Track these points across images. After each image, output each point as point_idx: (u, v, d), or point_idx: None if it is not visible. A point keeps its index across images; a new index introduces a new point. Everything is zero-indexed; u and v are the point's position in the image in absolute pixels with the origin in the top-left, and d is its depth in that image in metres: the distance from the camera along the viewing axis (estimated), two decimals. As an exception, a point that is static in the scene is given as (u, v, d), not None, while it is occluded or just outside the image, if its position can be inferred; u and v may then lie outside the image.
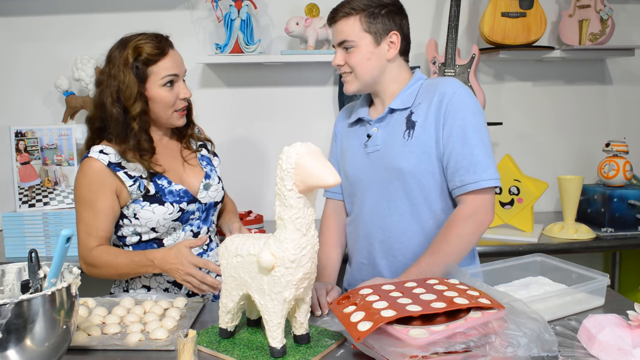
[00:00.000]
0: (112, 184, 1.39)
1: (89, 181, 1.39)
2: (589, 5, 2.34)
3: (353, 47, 1.39)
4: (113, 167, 1.39)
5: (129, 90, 1.37)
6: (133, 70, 1.38)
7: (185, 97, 1.44)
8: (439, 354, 0.90)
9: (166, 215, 1.42)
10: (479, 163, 1.33)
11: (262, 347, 1.09)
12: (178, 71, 1.43)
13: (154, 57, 1.39)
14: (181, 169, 1.52)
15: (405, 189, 1.40)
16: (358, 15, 1.38)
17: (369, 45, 1.39)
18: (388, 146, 1.42)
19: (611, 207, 2.19)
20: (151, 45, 1.39)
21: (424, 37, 2.45)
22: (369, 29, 1.38)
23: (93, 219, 1.39)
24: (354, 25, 1.38)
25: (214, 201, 1.54)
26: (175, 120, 1.46)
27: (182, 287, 1.50)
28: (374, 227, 1.46)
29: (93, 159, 1.39)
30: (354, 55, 1.40)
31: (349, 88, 1.45)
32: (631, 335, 0.99)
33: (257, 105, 2.51)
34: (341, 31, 1.40)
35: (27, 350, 0.86)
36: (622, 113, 2.62)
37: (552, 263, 1.36)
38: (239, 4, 2.26)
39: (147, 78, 1.39)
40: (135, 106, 1.38)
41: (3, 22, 2.40)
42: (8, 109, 2.44)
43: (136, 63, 1.38)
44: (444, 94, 1.37)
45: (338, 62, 1.42)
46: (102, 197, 1.39)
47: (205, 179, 1.53)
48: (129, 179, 1.40)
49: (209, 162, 1.60)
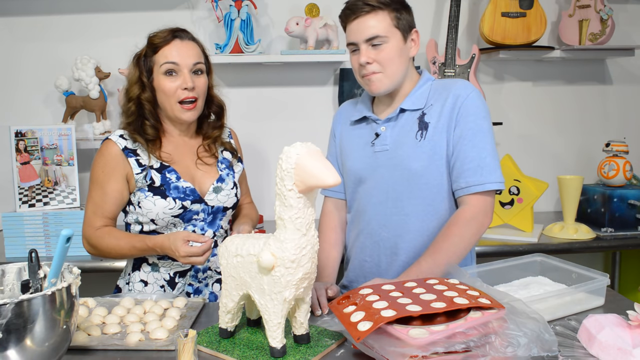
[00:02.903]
0: (124, 169, 1.43)
1: (103, 162, 1.44)
2: (589, 5, 2.34)
3: (384, 43, 1.34)
4: (127, 152, 1.44)
5: (130, 76, 1.47)
6: (142, 60, 1.45)
7: (186, 87, 1.43)
8: (439, 354, 0.90)
9: (166, 210, 1.43)
10: (487, 166, 1.34)
11: (262, 347, 1.09)
12: (179, 60, 1.42)
13: (157, 46, 1.44)
14: (194, 167, 1.52)
15: (412, 188, 1.40)
16: (386, 10, 1.34)
17: (399, 42, 1.36)
18: (398, 146, 1.42)
19: (611, 207, 2.19)
20: (158, 36, 1.44)
21: (424, 37, 2.44)
22: (398, 25, 1.36)
23: (102, 199, 1.43)
24: (384, 20, 1.34)
25: (222, 206, 1.52)
26: (179, 112, 1.45)
27: (174, 288, 1.50)
28: (378, 225, 1.46)
29: (111, 142, 1.45)
30: (385, 51, 1.35)
31: (379, 88, 1.39)
32: (631, 335, 0.99)
33: (257, 105, 2.51)
34: (370, 26, 1.34)
35: (27, 350, 0.86)
36: (622, 113, 2.62)
37: (552, 263, 1.36)
38: (239, 4, 2.26)
39: (152, 67, 1.45)
40: (133, 89, 1.45)
41: (4, 22, 2.40)
42: (8, 109, 2.43)
43: (146, 54, 1.45)
44: (457, 96, 1.37)
45: (367, 59, 1.35)
46: (113, 180, 1.43)
47: (217, 182, 1.51)
48: (138, 166, 1.43)
49: (229, 166, 1.58)
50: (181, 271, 1.50)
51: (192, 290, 1.52)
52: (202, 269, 1.52)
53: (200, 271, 1.52)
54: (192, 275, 1.51)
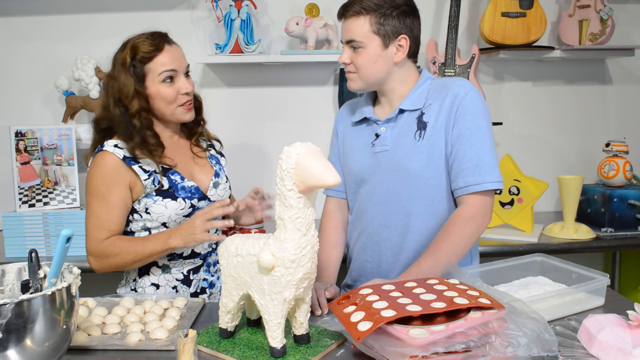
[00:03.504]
0: (127, 178, 1.41)
1: (103, 174, 1.40)
2: (589, 5, 2.34)
3: (360, 47, 1.38)
4: (128, 161, 1.41)
5: (126, 89, 1.40)
6: (131, 70, 1.40)
7: (186, 92, 1.44)
8: (439, 354, 0.90)
9: (178, 211, 1.44)
10: (485, 165, 1.34)
11: (262, 347, 1.09)
12: (176, 66, 1.43)
13: (150, 54, 1.41)
14: (192, 166, 1.53)
15: (412, 188, 1.41)
16: (368, 15, 1.36)
17: (376, 48, 1.38)
18: (398, 146, 1.43)
19: (611, 207, 2.18)
20: (146, 43, 1.41)
21: (424, 37, 2.42)
22: (378, 31, 1.37)
23: (105, 211, 1.40)
24: (363, 26, 1.37)
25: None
26: (181, 115, 1.46)
27: (190, 285, 1.51)
28: (379, 226, 1.47)
29: (108, 153, 1.41)
30: (361, 56, 1.39)
31: (353, 86, 1.45)
32: (631, 335, 0.99)
33: (257, 105, 2.51)
34: (350, 30, 1.39)
35: (27, 350, 0.86)
36: (622, 113, 2.62)
37: (552, 263, 1.36)
38: (239, 4, 2.26)
39: (145, 76, 1.42)
40: (133, 103, 1.40)
41: (3, 22, 2.40)
42: (8, 109, 2.44)
43: (134, 62, 1.41)
44: (456, 95, 1.37)
45: (344, 60, 1.41)
46: (116, 190, 1.40)
47: (215, 177, 1.55)
48: (144, 172, 1.42)
49: (218, 161, 1.62)
50: (194, 268, 1.51)
51: (207, 284, 1.53)
52: (212, 263, 1.55)
53: (212, 265, 1.55)
54: (205, 270, 1.54)
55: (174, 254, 1.49)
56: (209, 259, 1.55)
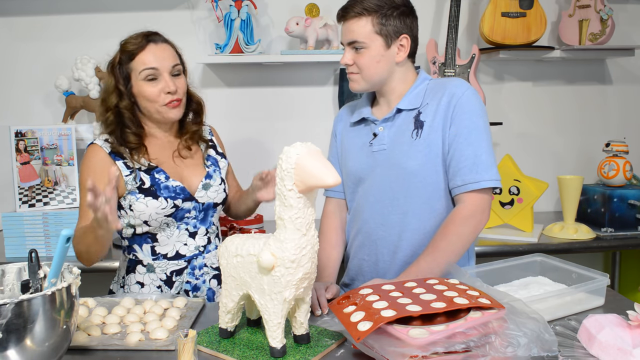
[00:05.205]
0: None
1: (89, 166, 1.44)
2: (589, 5, 2.34)
3: (363, 48, 1.39)
4: (114, 156, 1.44)
5: (106, 86, 1.46)
6: (116, 69, 1.44)
7: (169, 91, 1.42)
8: (439, 354, 0.90)
9: (159, 210, 1.43)
10: (482, 163, 1.34)
11: (262, 347, 1.09)
12: (158, 65, 1.42)
13: (132, 53, 1.42)
14: (182, 166, 1.52)
15: (409, 187, 1.41)
16: (370, 16, 1.37)
17: (379, 48, 1.39)
18: (395, 146, 1.43)
19: (611, 207, 2.18)
20: (130, 43, 1.43)
21: (424, 37, 2.44)
22: (380, 32, 1.38)
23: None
24: (366, 27, 1.37)
25: (213, 202, 1.53)
26: (166, 113, 1.45)
27: (172, 287, 1.50)
28: (376, 224, 1.47)
29: (97, 146, 1.45)
30: (364, 56, 1.39)
31: (355, 87, 1.45)
32: (631, 335, 0.99)
33: (257, 105, 2.51)
34: (352, 31, 1.39)
35: (27, 350, 0.86)
36: (622, 113, 2.62)
37: (552, 263, 1.37)
38: (239, 4, 2.26)
39: (130, 74, 1.44)
40: (110, 99, 1.44)
41: (3, 22, 2.40)
42: (8, 109, 2.44)
43: (121, 61, 1.44)
44: (452, 94, 1.38)
45: (347, 61, 1.42)
46: (101, 183, 1.37)
47: (205, 179, 1.53)
48: (127, 169, 1.44)
49: (215, 163, 1.60)
50: (177, 270, 1.50)
51: (190, 287, 1.52)
52: (198, 266, 1.53)
53: (197, 268, 1.53)
54: (189, 273, 1.52)
55: (158, 254, 1.49)
56: (194, 262, 1.52)
